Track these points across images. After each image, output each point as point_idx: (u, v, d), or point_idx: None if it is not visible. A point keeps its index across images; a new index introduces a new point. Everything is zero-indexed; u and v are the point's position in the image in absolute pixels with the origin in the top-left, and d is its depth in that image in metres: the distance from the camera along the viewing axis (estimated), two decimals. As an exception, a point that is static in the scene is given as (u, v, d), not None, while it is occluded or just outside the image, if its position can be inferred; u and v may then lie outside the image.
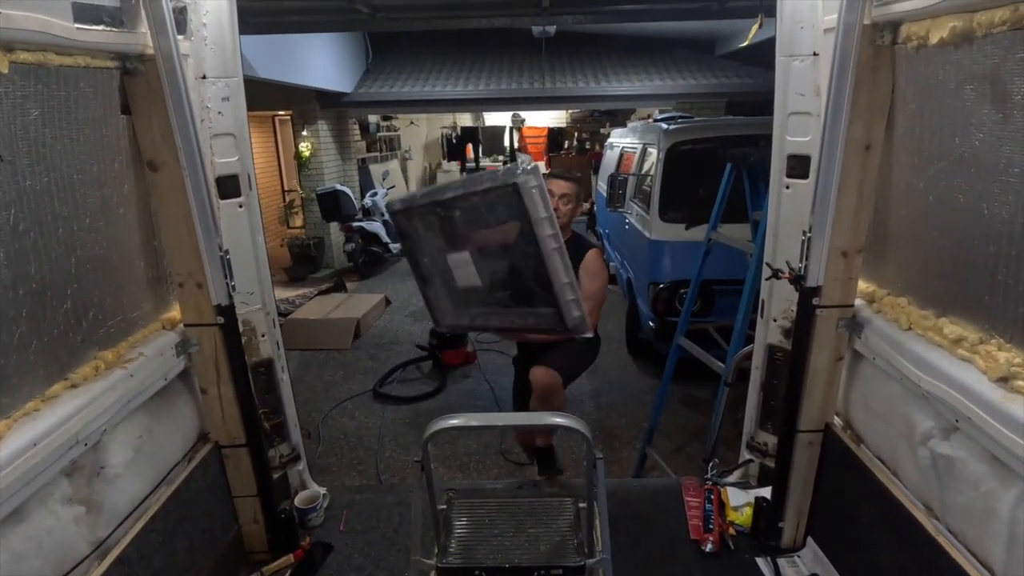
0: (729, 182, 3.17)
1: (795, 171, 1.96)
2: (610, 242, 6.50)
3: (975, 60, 1.26)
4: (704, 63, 8.63)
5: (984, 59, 1.23)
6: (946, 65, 1.35)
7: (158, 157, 1.68)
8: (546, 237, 1.59)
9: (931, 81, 1.41)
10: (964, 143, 1.32)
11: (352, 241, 7.93)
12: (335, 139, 8.80)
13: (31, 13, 1.20)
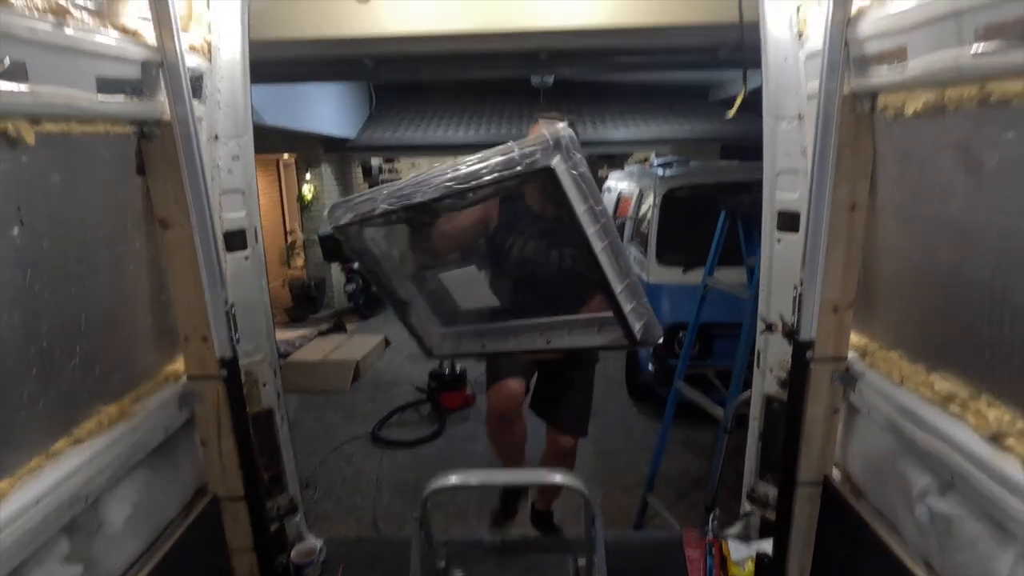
0: (724, 229, 3.25)
1: (785, 226, 2.02)
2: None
3: (948, 130, 1.33)
4: (698, 109, 8.89)
5: (956, 130, 1.30)
6: (922, 134, 1.42)
7: (170, 215, 1.74)
8: (593, 235, 1.27)
9: (909, 148, 1.48)
10: (943, 207, 1.38)
11: (353, 281, 7.99)
12: (338, 182, 8.98)
13: (59, 88, 1.27)
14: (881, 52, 1.46)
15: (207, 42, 1.81)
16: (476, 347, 1.66)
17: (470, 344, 1.68)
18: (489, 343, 1.63)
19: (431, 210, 1.41)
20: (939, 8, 1.21)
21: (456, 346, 1.67)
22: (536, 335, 1.59)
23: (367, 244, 1.62)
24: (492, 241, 2.12)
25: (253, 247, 2.08)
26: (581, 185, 1.23)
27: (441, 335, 1.69)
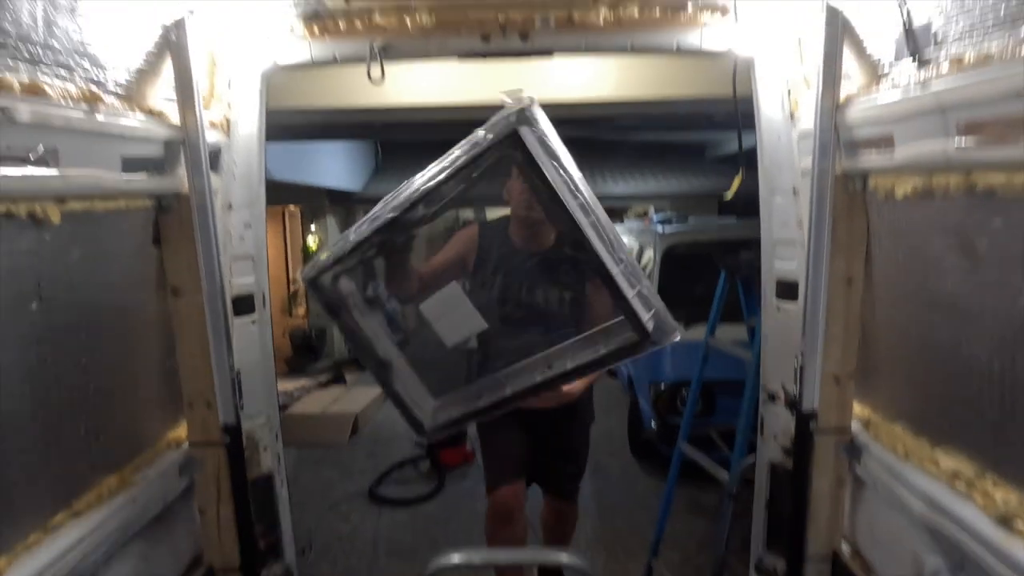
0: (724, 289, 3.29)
1: (784, 294, 2.06)
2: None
3: (939, 213, 1.38)
4: (696, 166, 9.12)
5: (947, 214, 1.35)
6: (914, 214, 1.47)
7: (182, 283, 1.78)
8: (575, 208, 1.19)
9: (902, 227, 1.53)
10: (937, 285, 1.42)
11: (354, 332, 7.99)
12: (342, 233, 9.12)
13: (87, 170, 1.33)
14: (870, 138, 1.53)
15: (227, 118, 1.89)
16: (472, 405, 1.57)
17: (465, 405, 1.60)
18: (486, 395, 1.55)
19: (403, 225, 1.37)
20: (923, 103, 1.28)
21: (450, 414, 1.57)
22: (535, 369, 1.53)
23: (344, 297, 1.57)
24: (473, 282, 2.05)
25: (260, 311, 2.11)
26: (554, 153, 1.21)
27: (433, 408, 1.59)
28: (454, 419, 1.58)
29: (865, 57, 1.54)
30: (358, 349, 1.60)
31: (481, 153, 1.29)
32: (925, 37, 1.30)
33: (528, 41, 1.83)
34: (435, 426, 1.59)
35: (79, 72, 1.31)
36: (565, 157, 1.30)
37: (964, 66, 1.18)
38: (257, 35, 1.83)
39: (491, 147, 1.27)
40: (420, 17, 1.77)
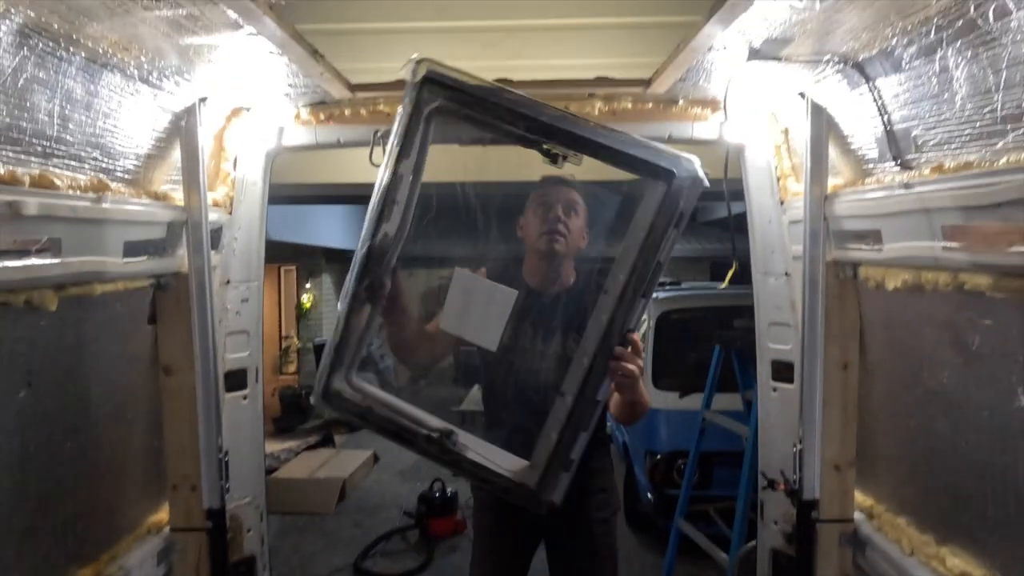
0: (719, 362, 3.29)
1: (780, 375, 2.05)
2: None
3: (930, 308, 1.40)
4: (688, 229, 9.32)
5: (938, 308, 1.38)
6: (905, 306, 1.49)
7: (174, 362, 1.76)
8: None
9: (894, 317, 1.55)
10: (933, 378, 1.43)
11: (345, 392, 7.87)
12: (337, 291, 9.14)
13: (88, 257, 1.34)
14: (858, 230, 1.58)
15: (230, 197, 1.93)
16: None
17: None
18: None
19: (380, 253, 1.35)
20: (907, 204, 1.33)
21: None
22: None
23: (369, 396, 1.47)
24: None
25: (253, 387, 2.08)
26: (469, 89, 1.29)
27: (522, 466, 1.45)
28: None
29: (850, 153, 1.60)
30: (407, 440, 1.43)
31: (411, 114, 1.30)
32: (906, 141, 1.36)
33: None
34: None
35: (89, 162, 1.34)
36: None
37: (945, 172, 1.23)
38: (265, 120, 1.89)
39: (414, 103, 1.29)
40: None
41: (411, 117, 1.33)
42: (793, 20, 1.22)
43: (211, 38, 1.27)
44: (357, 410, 1.48)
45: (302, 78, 1.60)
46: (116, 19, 1.14)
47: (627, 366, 1.37)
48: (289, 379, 8.89)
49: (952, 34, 1.11)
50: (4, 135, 1.12)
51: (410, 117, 1.33)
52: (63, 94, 1.22)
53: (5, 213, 1.09)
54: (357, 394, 1.51)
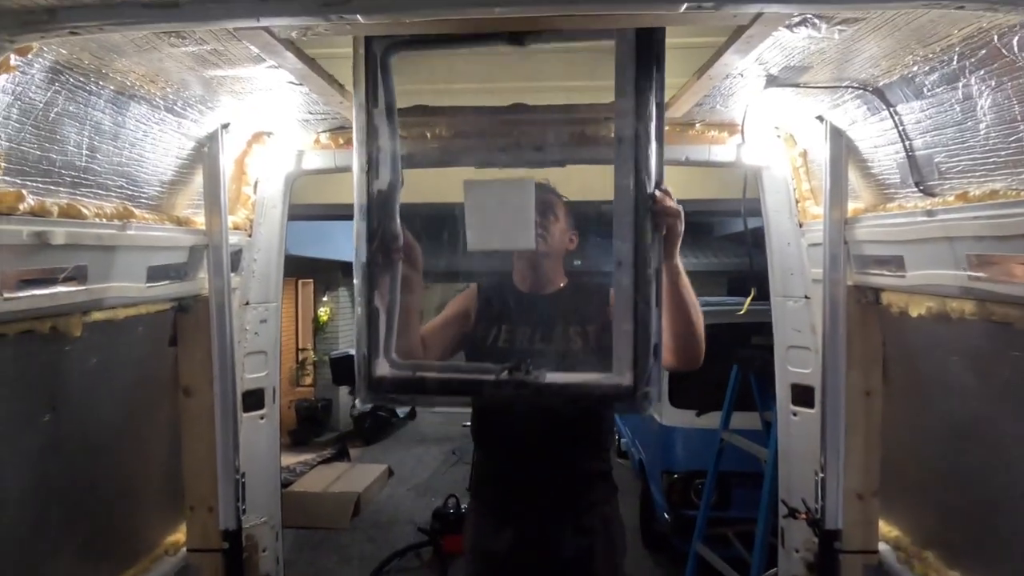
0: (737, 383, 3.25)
1: (800, 399, 2.02)
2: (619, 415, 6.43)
3: (957, 337, 1.37)
4: (704, 244, 9.25)
5: (965, 337, 1.34)
6: (930, 334, 1.46)
7: (194, 383, 1.78)
8: None
9: (918, 344, 1.52)
10: (961, 408, 1.39)
11: (360, 405, 7.90)
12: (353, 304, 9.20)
13: (112, 283, 1.37)
14: (879, 256, 1.55)
15: (250, 219, 1.96)
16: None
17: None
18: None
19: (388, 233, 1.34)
20: (931, 231, 1.31)
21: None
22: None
23: (417, 365, 1.44)
24: (475, 336, 1.74)
25: (270, 406, 2.10)
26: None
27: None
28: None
29: (871, 177, 1.58)
30: (476, 389, 1.43)
31: (365, 59, 1.28)
32: (929, 168, 1.34)
33: (542, 152, 1.90)
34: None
35: (115, 191, 1.37)
36: None
37: (970, 200, 1.20)
38: (284, 144, 1.92)
39: (366, 47, 1.25)
40: (440, 131, 1.86)
41: (367, 63, 1.28)
42: (811, 49, 1.21)
43: (234, 71, 1.30)
44: (411, 385, 1.40)
45: (322, 105, 1.62)
46: (144, 54, 1.17)
47: (669, 204, 1.32)
48: (305, 392, 8.95)
49: (975, 62, 1.09)
50: (35, 167, 1.15)
51: (366, 63, 1.28)
52: (92, 126, 1.25)
53: (34, 243, 1.12)
54: (405, 369, 1.41)
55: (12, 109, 1.06)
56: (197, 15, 0.92)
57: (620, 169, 1.31)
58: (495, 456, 1.74)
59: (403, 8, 0.91)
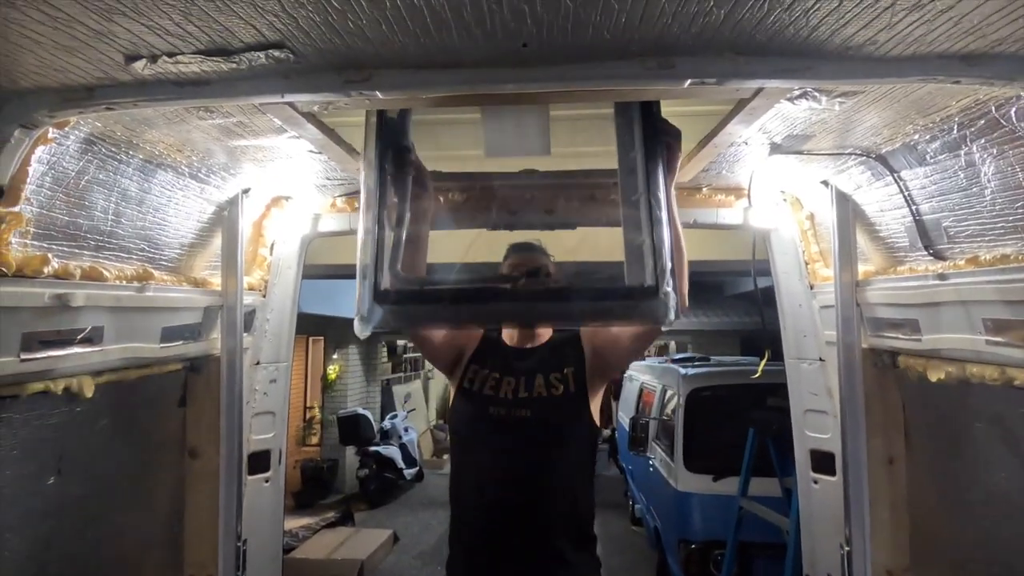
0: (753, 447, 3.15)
1: (820, 466, 1.95)
2: (634, 479, 6.22)
3: (980, 402, 1.33)
4: (715, 302, 9.22)
5: (988, 404, 1.30)
6: (952, 400, 1.42)
7: (200, 445, 1.76)
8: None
9: (939, 410, 1.48)
10: (990, 479, 1.33)
11: (366, 466, 7.73)
12: (363, 362, 9.17)
13: (127, 344, 1.38)
14: (893, 319, 1.53)
15: (264, 280, 1.99)
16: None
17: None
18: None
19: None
20: (944, 295, 1.30)
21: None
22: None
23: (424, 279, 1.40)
24: (464, 375, 1.64)
25: (275, 469, 2.06)
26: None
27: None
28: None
29: (879, 240, 1.59)
30: (492, 297, 1.32)
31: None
32: (937, 232, 1.34)
33: (553, 215, 1.94)
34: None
35: (136, 254, 1.41)
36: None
37: (981, 264, 1.20)
38: (301, 208, 1.98)
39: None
40: (452, 196, 1.91)
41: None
42: (813, 119, 1.25)
43: (257, 141, 1.36)
44: (418, 296, 1.34)
45: (339, 172, 1.68)
46: (173, 126, 1.23)
47: (669, 126, 1.30)
48: (311, 451, 8.78)
49: (975, 132, 1.12)
50: (62, 231, 1.19)
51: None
52: (119, 192, 1.30)
53: (55, 305, 1.14)
54: (412, 284, 1.37)
55: (45, 178, 1.11)
56: (226, 92, 0.97)
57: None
58: (469, 523, 1.57)
59: (419, 85, 0.96)
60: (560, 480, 1.52)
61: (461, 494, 1.62)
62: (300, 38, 0.84)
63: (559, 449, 1.53)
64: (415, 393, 10.74)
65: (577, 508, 1.55)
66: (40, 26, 0.78)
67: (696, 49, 0.91)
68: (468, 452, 1.62)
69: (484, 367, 1.64)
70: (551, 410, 1.55)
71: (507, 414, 1.55)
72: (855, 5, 0.76)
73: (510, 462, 1.52)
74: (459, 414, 1.67)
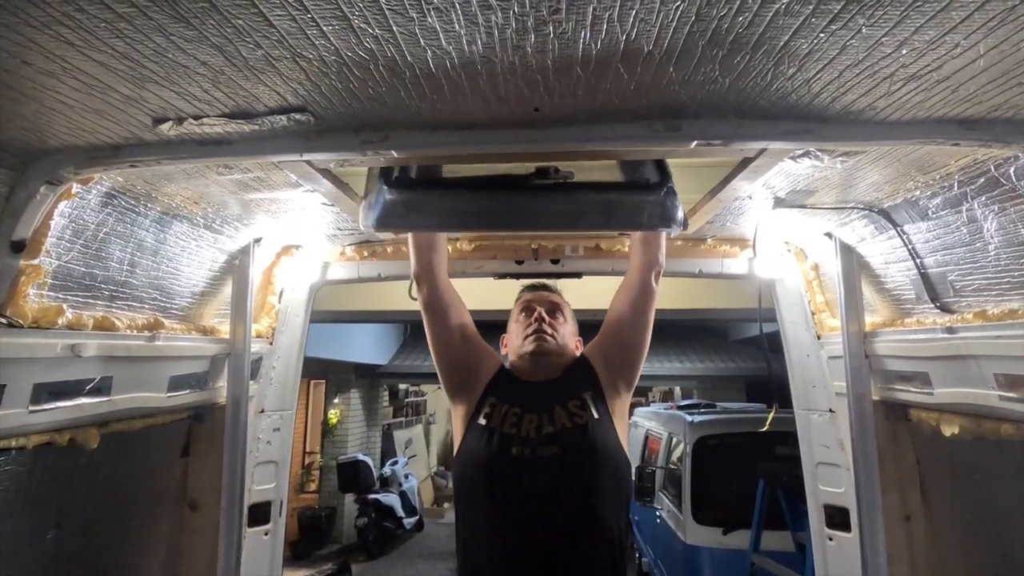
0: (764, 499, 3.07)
1: (835, 522, 1.89)
2: (640, 531, 6.03)
3: (997, 458, 1.31)
4: (720, 347, 9.16)
5: (1006, 460, 1.28)
6: (968, 455, 1.40)
7: (201, 497, 1.73)
8: None
9: (957, 465, 1.45)
10: (1013, 538, 1.29)
11: (365, 515, 7.53)
12: (364, 406, 9.07)
13: (135, 394, 1.38)
14: (904, 372, 1.52)
15: (272, 328, 2.00)
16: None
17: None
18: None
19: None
20: (954, 349, 1.29)
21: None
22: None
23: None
24: (478, 409, 1.50)
25: (275, 521, 2.01)
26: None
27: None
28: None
29: (885, 292, 1.60)
30: (506, 185, 1.30)
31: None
32: (943, 285, 1.35)
33: (559, 265, 1.96)
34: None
35: (149, 303, 1.42)
36: None
37: (990, 319, 1.20)
38: (311, 256, 2.00)
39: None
40: (461, 245, 1.94)
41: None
42: (815, 176, 1.28)
43: (272, 194, 1.39)
44: (433, 181, 1.29)
45: (350, 222, 1.71)
46: (192, 180, 1.26)
47: None
48: (310, 499, 8.58)
49: (976, 189, 1.14)
50: (78, 282, 1.21)
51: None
52: (135, 244, 1.32)
53: (66, 356, 1.15)
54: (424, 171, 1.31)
55: (66, 231, 1.14)
56: (247, 151, 1.01)
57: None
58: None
59: (434, 145, 0.99)
60: (599, 525, 1.37)
61: (477, 547, 1.43)
62: (321, 103, 0.88)
63: (595, 487, 1.38)
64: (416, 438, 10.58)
65: (614, 554, 1.38)
66: (74, 92, 0.81)
67: (701, 112, 0.94)
68: (484, 498, 1.42)
69: (504, 401, 1.49)
70: (580, 442, 1.41)
71: (532, 454, 1.40)
72: (855, 75, 0.79)
73: (540, 508, 1.36)
74: (472, 454, 1.46)
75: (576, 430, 1.42)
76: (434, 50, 0.72)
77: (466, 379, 1.55)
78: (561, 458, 1.39)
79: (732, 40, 0.71)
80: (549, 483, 1.37)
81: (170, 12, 0.63)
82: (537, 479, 1.38)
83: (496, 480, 1.41)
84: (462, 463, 1.49)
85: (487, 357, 1.61)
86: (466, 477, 1.47)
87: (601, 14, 0.65)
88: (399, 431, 10.10)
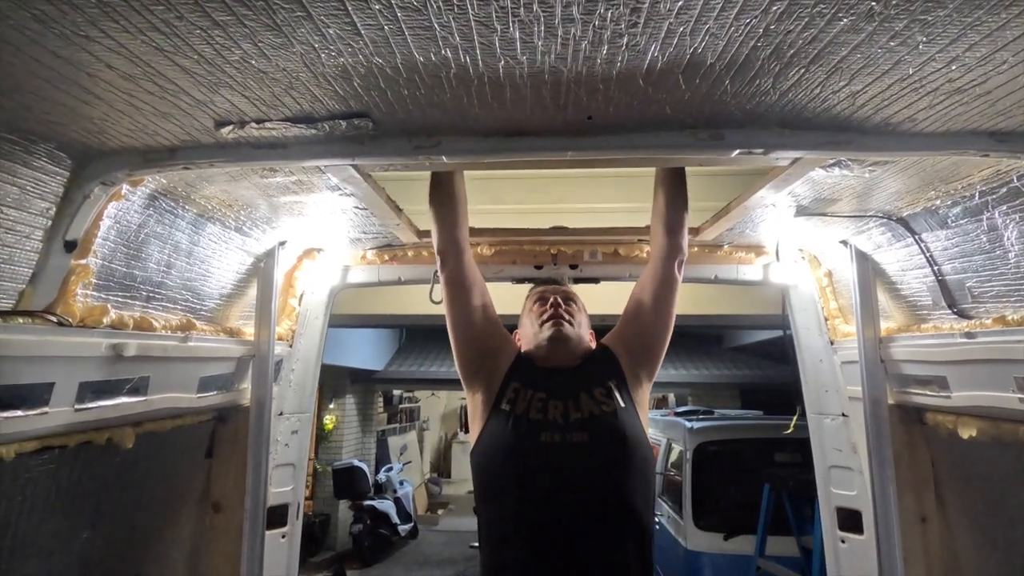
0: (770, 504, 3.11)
1: (847, 524, 1.93)
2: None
3: (1015, 460, 1.35)
4: (714, 354, 9.23)
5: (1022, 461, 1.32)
6: (985, 457, 1.44)
7: (224, 498, 1.73)
8: None
9: (974, 468, 1.49)
10: (1028, 538, 1.33)
11: (360, 521, 7.48)
12: (359, 412, 9.02)
13: (168, 394, 1.39)
14: (920, 376, 1.57)
15: (292, 331, 2.01)
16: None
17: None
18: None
19: None
20: (972, 354, 1.33)
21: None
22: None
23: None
24: (498, 400, 1.45)
25: (292, 524, 2.01)
26: None
27: None
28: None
29: (901, 298, 1.64)
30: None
31: None
32: (961, 292, 1.39)
33: (577, 270, 2.00)
34: None
35: (181, 304, 1.43)
36: None
37: (1009, 324, 1.25)
38: (333, 259, 2.02)
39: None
40: (481, 249, 1.96)
41: None
42: (840, 185, 1.32)
43: (308, 197, 1.41)
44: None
45: (376, 225, 1.73)
46: (233, 183, 1.28)
47: None
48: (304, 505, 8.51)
49: (997, 199, 1.19)
50: (119, 282, 1.22)
51: None
52: (172, 245, 1.34)
53: (110, 355, 1.16)
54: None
55: (111, 231, 1.15)
56: (300, 154, 1.03)
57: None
58: (519, 572, 1.34)
59: (485, 152, 1.02)
60: (631, 515, 1.35)
61: (505, 538, 1.37)
62: (383, 108, 0.90)
63: (626, 476, 1.36)
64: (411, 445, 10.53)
65: (644, 547, 1.36)
66: (148, 95, 0.83)
67: (745, 122, 0.98)
68: (512, 487, 1.37)
69: (528, 386, 1.44)
70: (610, 430, 1.38)
71: (562, 440, 1.35)
72: (902, 88, 0.83)
73: (572, 496, 1.33)
74: (497, 441, 1.40)
75: (605, 416, 1.40)
76: (508, 59, 0.75)
77: (484, 363, 1.51)
78: (591, 445, 1.36)
79: (793, 54, 0.75)
80: (581, 471, 1.35)
81: (266, 21, 0.65)
82: (569, 466, 1.35)
83: (526, 468, 1.37)
84: (486, 450, 1.44)
85: (507, 342, 1.59)
86: (492, 465, 1.42)
87: (675, 28, 0.68)
88: (393, 437, 10.06)
